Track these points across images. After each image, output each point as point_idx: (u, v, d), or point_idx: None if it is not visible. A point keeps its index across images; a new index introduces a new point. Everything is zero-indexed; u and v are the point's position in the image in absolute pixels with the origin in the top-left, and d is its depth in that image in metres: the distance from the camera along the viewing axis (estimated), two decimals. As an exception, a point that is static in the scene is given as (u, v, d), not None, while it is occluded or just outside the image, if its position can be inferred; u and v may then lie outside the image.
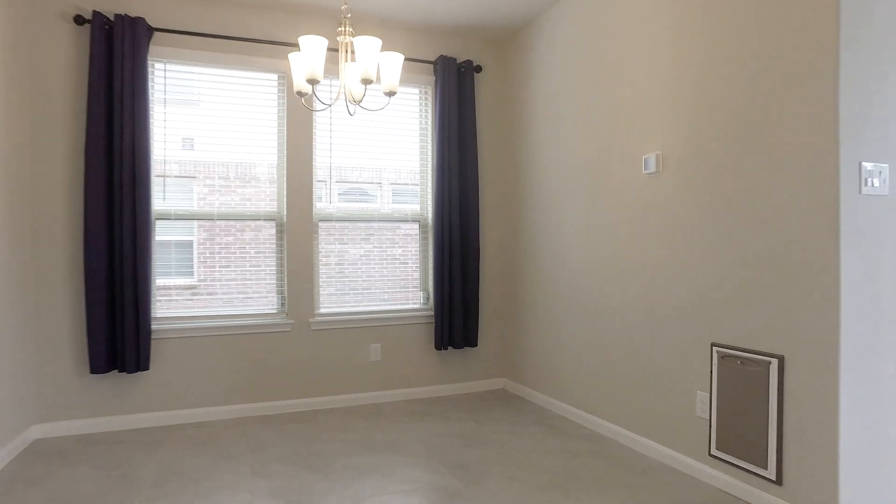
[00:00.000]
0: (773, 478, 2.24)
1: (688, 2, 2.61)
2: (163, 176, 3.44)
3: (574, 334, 3.43)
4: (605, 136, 3.16)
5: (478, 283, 4.00)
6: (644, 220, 2.88)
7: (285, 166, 3.66)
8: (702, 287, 2.55)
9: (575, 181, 3.42)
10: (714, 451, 2.50)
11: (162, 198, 3.44)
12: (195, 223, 3.53)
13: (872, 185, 2.06)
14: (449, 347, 3.98)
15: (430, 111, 4.05)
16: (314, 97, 2.86)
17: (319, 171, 3.78)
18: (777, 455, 2.23)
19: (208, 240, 3.57)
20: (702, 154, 2.55)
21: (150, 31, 3.30)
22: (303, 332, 3.70)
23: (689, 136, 2.61)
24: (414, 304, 4.03)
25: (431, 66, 4.00)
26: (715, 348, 2.48)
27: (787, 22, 2.17)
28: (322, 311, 3.79)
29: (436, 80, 3.93)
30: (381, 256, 3.94)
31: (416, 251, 4.03)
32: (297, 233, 3.68)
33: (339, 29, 2.46)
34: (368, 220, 3.90)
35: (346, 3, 3.16)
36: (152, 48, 3.38)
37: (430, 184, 4.02)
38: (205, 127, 3.52)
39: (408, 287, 4.01)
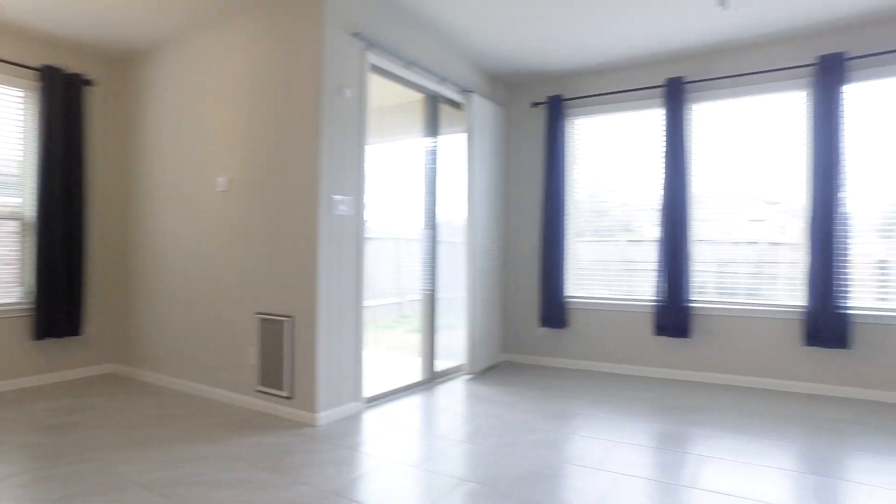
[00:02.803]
0: (288, 395, 3.46)
1: (244, 81, 3.71)
2: None
3: (171, 318, 4.21)
4: (193, 157, 4.05)
5: (82, 276, 4.41)
6: (218, 225, 3.87)
7: None
8: (252, 272, 3.66)
9: (171, 191, 4.21)
10: (258, 387, 3.63)
11: None
12: None
13: (340, 209, 3.45)
14: (50, 337, 4.29)
15: (36, 115, 4.29)
16: None
17: None
18: (290, 380, 3.46)
19: None
20: (253, 182, 3.67)
21: None
22: None
23: (246, 168, 3.70)
24: (10, 298, 4.21)
25: (38, 72, 4.26)
26: (258, 315, 3.62)
27: (297, 110, 3.43)
28: None
29: (42, 87, 4.22)
30: (-27, 252, 4.02)
31: (16, 247, 4.22)
32: None
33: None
34: (-44, 216, 3.95)
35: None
36: None
37: (34, 183, 4.26)
38: None
39: (5, 283, 4.17)
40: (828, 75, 4.03)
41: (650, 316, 4.74)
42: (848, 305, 3.99)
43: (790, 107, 4.32)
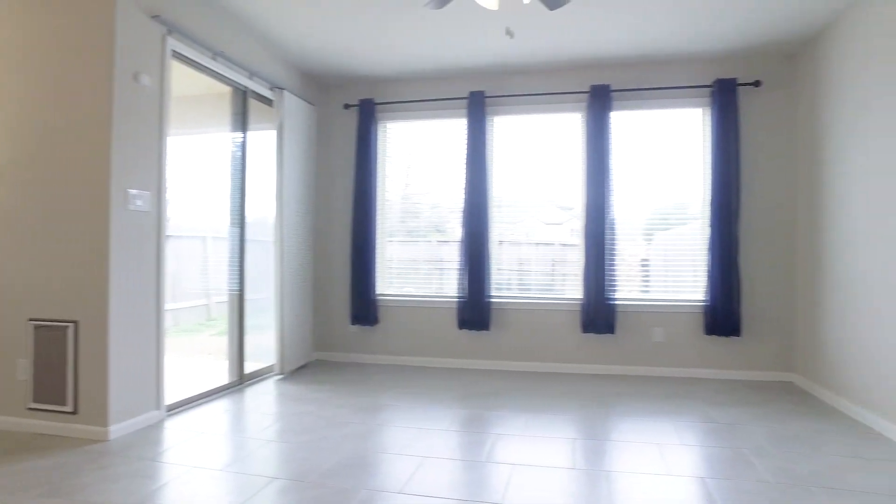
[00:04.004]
0: (72, 410, 3.11)
1: (14, 51, 3.23)
2: None
3: None
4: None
5: None
6: (-21, 220, 3.32)
7: None
8: (24, 273, 3.21)
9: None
10: (32, 405, 3.19)
11: None
12: None
13: (136, 204, 3.19)
14: None
15: None
16: None
17: None
18: (74, 393, 3.10)
19: None
20: (25, 170, 3.20)
21: None
22: None
23: (15, 153, 3.22)
24: None
25: None
26: (32, 322, 3.18)
27: (84, 92, 3.09)
28: None
29: None
30: None
31: None
32: None
33: None
34: None
35: None
36: None
37: None
38: None
39: None
40: (597, 102, 4.74)
41: (454, 311, 5.11)
42: (615, 297, 4.73)
43: (571, 125, 4.99)
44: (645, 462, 2.82)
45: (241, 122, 4.34)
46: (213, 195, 4.21)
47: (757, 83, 4.56)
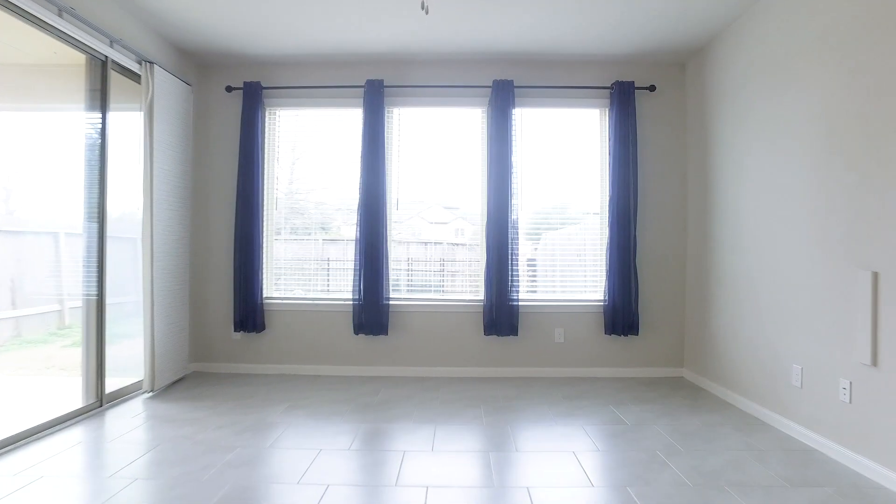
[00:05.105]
0: None
1: None
2: None
3: None
4: None
5: None
6: None
7: None
8: None
9: None
10: None
11: None
12: None
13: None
14: None
15: None
16: None
17: None
18: None
19: None
20: None
21: None
22: None
23: None
24: None
25: None
26: None
27: None
28: None
29: None
30: None
31: None
32: None
33: None
34: None
35: None
36: None
37: None
38: None
39: None
40: (500, 97, 4.60)
41: (350, 315, 4.75)
42: (517, 298, 4.61)
43: (473, 120, 4.82)
44: (565, 473, 2.67)
45: (101, 98, 3.70)
46: (68, 185, 3.52)
47: (652, 88, 4.66)
